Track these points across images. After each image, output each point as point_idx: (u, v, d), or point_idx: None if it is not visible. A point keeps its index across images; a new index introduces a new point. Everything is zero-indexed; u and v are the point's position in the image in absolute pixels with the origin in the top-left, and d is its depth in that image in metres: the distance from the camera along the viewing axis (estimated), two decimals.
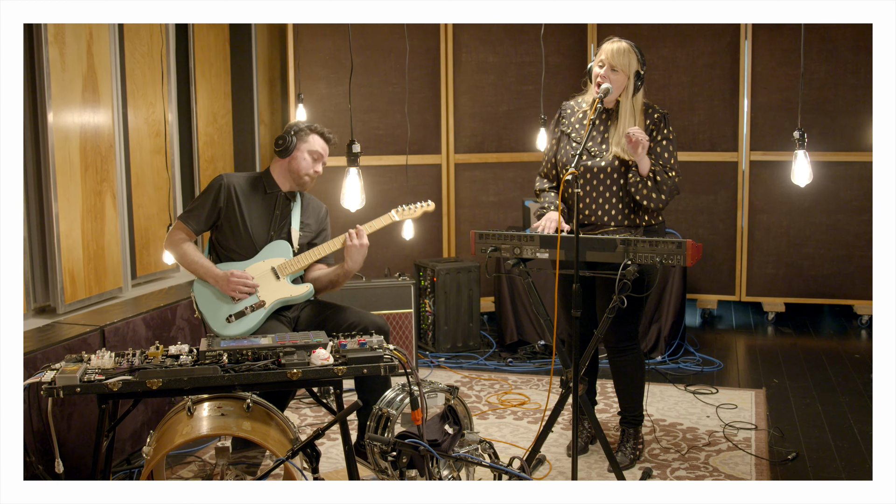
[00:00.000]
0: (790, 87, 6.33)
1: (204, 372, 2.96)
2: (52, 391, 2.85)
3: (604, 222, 3.86)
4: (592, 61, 3.86)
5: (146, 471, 2.98)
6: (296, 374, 3.00)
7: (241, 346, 3.11)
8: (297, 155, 4.05)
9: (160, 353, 3.12)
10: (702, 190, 6.55)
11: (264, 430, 3.06)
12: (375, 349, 3.14)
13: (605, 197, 3.85)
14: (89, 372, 2.95)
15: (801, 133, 3.76)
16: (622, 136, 3.78)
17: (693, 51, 6.46)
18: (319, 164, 4.10)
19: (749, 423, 4.52)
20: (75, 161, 4.50)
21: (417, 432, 3.11)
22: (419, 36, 6.43)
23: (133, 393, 2.94)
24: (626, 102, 3.81)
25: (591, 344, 3.67)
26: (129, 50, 4.99)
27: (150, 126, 5.19)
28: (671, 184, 3.81)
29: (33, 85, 4.29)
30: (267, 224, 4.03)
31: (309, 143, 4.07)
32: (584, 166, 3.84)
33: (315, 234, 4.17)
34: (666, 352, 5.68)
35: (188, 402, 3.12)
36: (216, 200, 3.98)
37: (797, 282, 6.51)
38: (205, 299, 3.93)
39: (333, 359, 3.08)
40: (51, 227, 4.35)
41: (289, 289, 3.96)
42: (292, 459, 2.86)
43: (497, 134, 6.63)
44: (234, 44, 6.28)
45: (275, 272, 3.95)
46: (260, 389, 3.14)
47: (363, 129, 6.43)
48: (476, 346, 5.94)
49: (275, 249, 4.00)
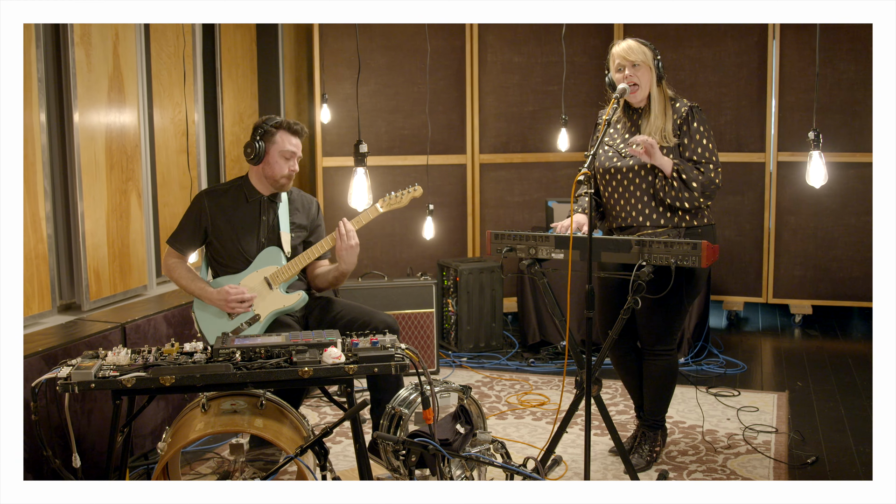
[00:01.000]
0: (819, 87, 6.25)
1: (216, 369, 2.99)
2: (68, 386, 2.90)
3: (640, 223, 3.79)
4: (608, 72, 3.82)
5: (159, 466, 3.03)
6: (307, 372, 3.03)
7: (254, 344, 3.14)
8: (269, 159, 3.93)
9: (175, 350, 3.17)
10: (728, 191, 6.49)
11: (276, 428, 3.09)
12: (388, 348, 3.16)
13: (636, 197, 3.79)
14: (104, 368, 3.00)
15: (817, 134, 3.73)
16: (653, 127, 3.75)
17: (720, 50, 6.42)
18: (294, 161, 3.95)
19: (770, 426, 4.48)
20: (101, 161, 4.57)
21: (429, 431, 3.12)
22: (444, 36, 6.45)
23: (146, 389, 2.99)
24: (655, 94, 3.77)
25: (606, 345, 3.66)
26: (154, 51, 5.06)
27: (176, 126, 5.25)
28: (703, 179, 3.71)
29: (59, 85, 4.36)
30: (255, 232, 3.98)
31: (277, 143, 3.92)
32: (614, 167, 3.81)
33: (309, 231, 4.10)
34: (689, 353, 5.64)
35: (202, 399, 3.17)
36: (198, 220, 3.96)
37: (825, 284, 6.44)
38: (205, 319, 3.95)
39: (345, 357, 3.10)
40: (76, 225, 4.42)
41: (282, 299, 3.92)
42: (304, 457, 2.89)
43: (522, 134, 6.63)
44: (261, 44, 6.33)
45: (268, 282, 3.92)
46: (271, 387, 3.17)
47: (388, 129, 6.46)
48: (499, 346, 5.94)
49: (267, 258, 3.95)
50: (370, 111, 6.41)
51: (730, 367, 5.52)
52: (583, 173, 3.22)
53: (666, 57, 6.41)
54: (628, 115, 3.87)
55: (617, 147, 3.84)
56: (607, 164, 3.83)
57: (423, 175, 6.41)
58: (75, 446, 3.09)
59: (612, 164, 3.81)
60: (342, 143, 6.43)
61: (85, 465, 3.68)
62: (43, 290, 4.19)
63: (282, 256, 3.96)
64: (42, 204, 4.17)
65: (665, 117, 3.76)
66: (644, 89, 3.75)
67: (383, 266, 6.37)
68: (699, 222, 3.80)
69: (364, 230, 3.96)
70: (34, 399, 2.95)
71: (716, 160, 3.78)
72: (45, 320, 4.19)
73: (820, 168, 3.85)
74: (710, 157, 3.76)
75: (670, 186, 3.71)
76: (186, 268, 3.99)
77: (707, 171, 3.73)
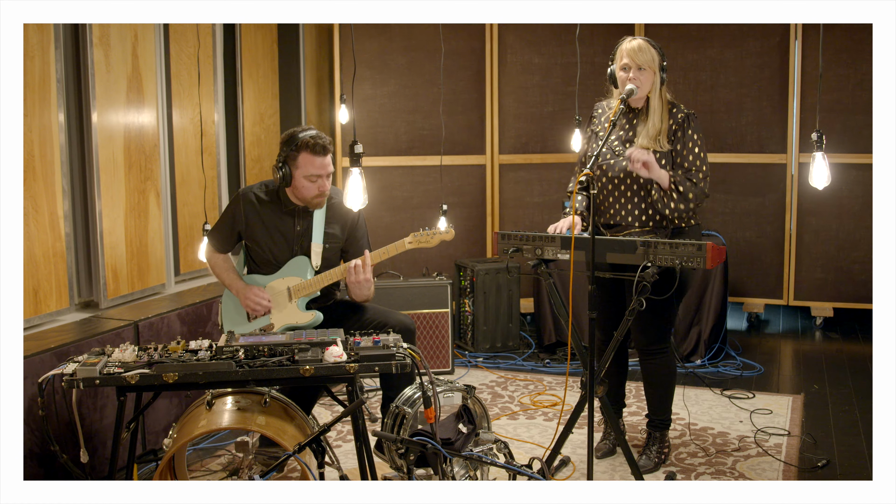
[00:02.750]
0: (841, 88, 6.20)
1: (219, 367, 3.04)
2: (73, 383, 2.96)
3: (628, 223, 3.82)
4: (612, 65, 3.82)
5: (163, 463, 3.08)
6: (308, 370, 3.06)
7: (258, 343, 3.18)
8: (296, 183, 3.86)
9: (181, 347, 3.21)
10: (750, 192, 6.45)
11: (279, 426, 3.13)
12: (390, 347, 3.18)
13: (627, 197, 3.82)
14: (109, 365, 3.05)
15: (819, 135, 3.70)
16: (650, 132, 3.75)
17: (742, 51, 6.37)
18: (322, 181, 3.85)
19: (783, 429, 4.45)
20: (119, 160, 4.64)
21: (430, 430, 3.14)
22: (464, 37, 6.47)
23: (150, 386, 3.04)
24: (654, 98, 3.78)
25: (611, 346, 3.66)
26: (174, 51, 5.12)
27: (196, 126, 5.31)
28: (696, 191, 3.75)
29: (79, 86, 4.44)
30: (289, 239, 3.98)
31: (301, 167, 3.82)
32: (606, 165, 3.82)
33: (343, 241, 4.06)
34: (706, 355, 5.62)
35: (208, 396, 3.21)
36: (234, 222, 3.99)
37: (847, 286, 6.37)
38: (228, 311, 4.02)
39: (347, 356, 3.13)
40: (94, 224, 4.49)
41: (297, 315, 3.93)
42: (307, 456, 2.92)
43: (542, 135, 6.63)
44: (283, 45, 6.39)
45: (289, 293, 3.95)
46: (273, 385, 3.21)
47: (408, 129, 6.49)
48: (515, 346, 5.95)
49: (294, 267, 3.95)
50: (390, 112, 6.45)
51: (746, 370, 5.48)
52: (585, 174, 3.22)
53: (687, 57, 6.43)
54: (625, 114, 3.87)
55: (612, 145, 3.84)
56: (601, 161, 3.83)
57: (445, 176, 6.45)
58: (83, 442, 3.16)
59: (605, 161, 3.82)
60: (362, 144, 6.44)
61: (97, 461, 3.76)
62: (60, 287, 4.27)
63: (308, 269, 3.95)
64: (60, 203, 4.24)
65: (662, 122, 3.77)
66: (644, 91, 3.76)
67: (403, 264, 6.39)
68: (686, 224, 3.84)
69: (386, 229, 3.96)
70: (41, 395, 3.01)
71: (706, 169, 3.81)
72: (62, 317, 4.27)
73: (823, 169, 3.82)
74: (701, 167, 3.79)
75: (668, 198, 3.74)
76: (224, 257, 4.07)
77: (698, 180, 3.77)
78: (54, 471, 3.55)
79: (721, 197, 6.49)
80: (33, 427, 3.45)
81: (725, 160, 6.43)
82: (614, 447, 4.13)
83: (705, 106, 6.43)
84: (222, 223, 4.06)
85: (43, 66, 4.13)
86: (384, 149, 6.49)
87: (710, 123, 6.43)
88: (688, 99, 6.44)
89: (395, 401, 3.59)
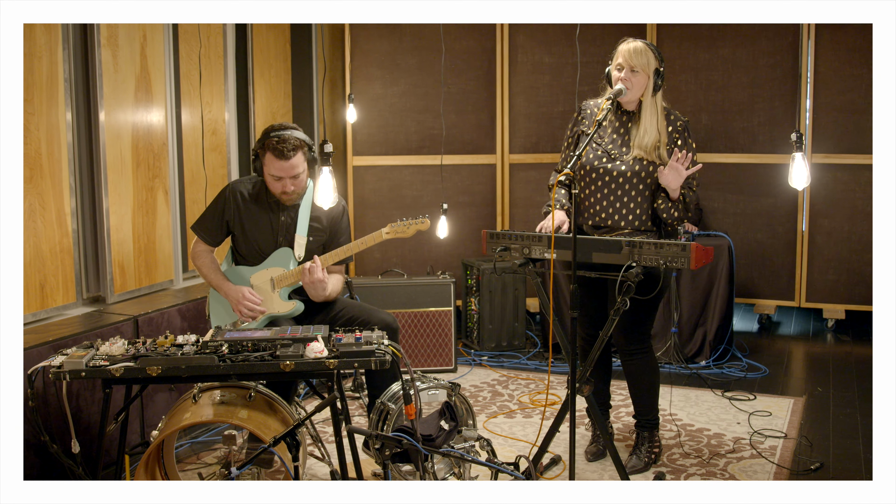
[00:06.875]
0: (854, 88, 6.15)
1: (201, 361, 3.10)
2: (60, 374, 3.04)
3: (620, 226, 3.82)
4: (609, 64, 3.83)
5: (146, 455, 3.15)
6: (289, 365, 3.12)
7: (242, 338, 3.25)
8: (265, 178, 3.97)
9: (168, 342, 3.28)
10: (761, 193, 6.42)
11: (261, 419, 3.19)
12: (371, 344, 3.23)
13: (622, 201, 3.81)
14: (96, 358, 3.13)
15: (799, 136, 3.70)
16: (643, 138, 3.75)
17: (754, 51, 6.34)
18: (285, 182, 3.91)
19: (780, 431, 4.43)
20: (127, 158, 4.73)
21: (411, 426, 3.18)
22: (475, 37, 6.50)
23: (134, 379, 3.11)
24: (647, 103, 3.77)
25: (597, 346, 3.67)
26: (184, 51, 5.21)
27: (205, 125, 5.39)
28: (693, 198, 3.79)
29: (87, 86, 4.53)
30: (274, 230, 4.06)
31: (266, 165, 3.92)
32: (603, 168, 3.83)
33: (329, 235, 4.13)
34: (711, 356, 5.60)
35: (195, 390, 3.28)
36: (223, 212, 4.07)
37: (859, 288, 6.32)
38: (216, 311, 4.09)
39: (328, 352, 3.18)
40: (101, 221, 4.58)
41: (279, 304, 4.01)
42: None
43: (552, 134, 6.64)
44: (295, 45, 6.46)
45: (272, 283, 4.02)
46: (255, 380, 3.27)
47: (418, 128, 6.54)
48: (521, 345, 5.97)
49: (278, 258, 4.03)
50: (400, 111, 6.50)
51: (751, 371, 5.46)
52: (565, 174, 3.24)
53: (699, 57, 6.41)
54: (617, 116, 3.87)
55: (606, 148, 3.84)
56: (595, 163, 3.83)
57: (455, 174, 6.50)
58: (74, 432, 3.23)
59: (601, 164, 3.82)
60: (372, 143, 6.53)
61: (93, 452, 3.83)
62: (67, 282, 4.36)
63: (291, 260, 4.03)
64: (67, 200, 4.34)
65: (659, 132, 3.76)
66: (634, 94, 3.75)
67: (410, 262, 6.45)
68: (671, 227, 3.88)
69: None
70: (31, 386, 3.09)
71: (697, 177, 3.81)
72: (68, 312, 4.36)
73: (802, 170, 3.82)
74: (695, 174, 3.78)
75: (675, 208, 3.75)
76: (211, 259, 4.13)
77: (694, 192, 3.79)
78: (49, 461, 3.63)
79: (733, 197, 6.47)
80: (26, 417, 3.53)
81: (737, 160, 6.41)
82: (605, 450, 4.14)
83: (717, 106, 6.41)
84: (211, 215, 4.13)
85: (51, 65, 4.23)
86: (394, 148, 6.55)
87: (721, 123, 6.42)
88: (699, 98, 6.43)
89: (381, 397, 3.64)
